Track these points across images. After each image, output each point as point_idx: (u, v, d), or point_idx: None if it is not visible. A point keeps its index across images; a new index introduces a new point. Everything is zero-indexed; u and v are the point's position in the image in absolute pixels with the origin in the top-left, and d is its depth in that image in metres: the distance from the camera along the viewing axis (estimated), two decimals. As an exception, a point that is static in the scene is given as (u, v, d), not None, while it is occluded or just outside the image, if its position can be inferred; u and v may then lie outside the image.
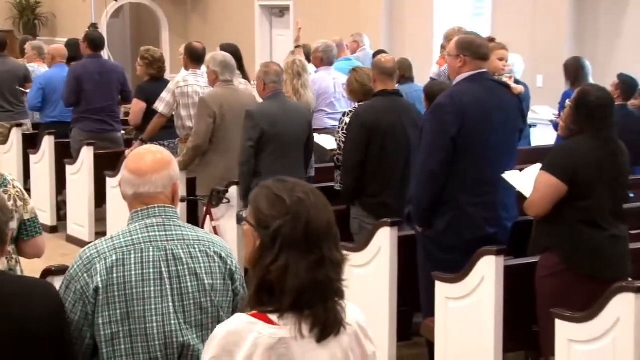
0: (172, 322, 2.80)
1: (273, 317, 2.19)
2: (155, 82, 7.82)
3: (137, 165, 2.90)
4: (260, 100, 6.57)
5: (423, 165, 4.99)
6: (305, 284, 2.18)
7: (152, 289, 2.79)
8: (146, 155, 2.95)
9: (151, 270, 2.80)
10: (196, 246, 2.87)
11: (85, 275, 2.78)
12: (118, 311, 2.77)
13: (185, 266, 2.83)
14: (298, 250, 2.20)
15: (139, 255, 2.80)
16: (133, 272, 2.78)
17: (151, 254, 2.81)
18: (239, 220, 2.22)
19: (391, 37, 11.98)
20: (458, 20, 10.30)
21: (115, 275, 2.77)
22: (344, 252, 2.33)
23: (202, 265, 2.85)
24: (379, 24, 12.06)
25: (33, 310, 2.65)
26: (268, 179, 2.36)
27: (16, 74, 9.26)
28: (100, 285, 2.75)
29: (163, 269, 2.81)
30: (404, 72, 7.33)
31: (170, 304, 2.81)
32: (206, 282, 2.84)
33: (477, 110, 4.93)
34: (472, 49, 5.00)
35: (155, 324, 2.79)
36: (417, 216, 5.07)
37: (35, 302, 2.68)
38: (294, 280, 2.18)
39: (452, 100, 4.99)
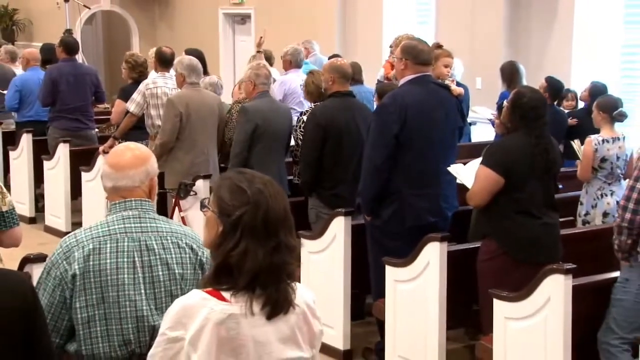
0: (144, 307, 2.81)
1: (226, 294, 2.20)
2: (137, 84, 7.77)
3: (116, 160, 2.91)
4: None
5: (368, 160, 5.02)
6: (262, 267, 2.20)
7: (125, 276, 2.80)
8: (125, 152, 2.96)
9: (125, 259, 2.81)
10: (169, 238, 2.88)
11: (64, 262, 2.78)
12: (94, 296, 2.77)
13: (157, 256, 2.84)
14: (257, 237, 2.21)
15: (114, 245, 2.81)
16: (108, 261, 2.79)
17: (126, 244, 2.81)
18: (202, 206, 2.21)
19: (343, 42, 11.99)
20: (405, 28, 10.34)
21: (91, 262, 2.77)
22: (301, 239, 2.35)
23: (173, 256, 2.86)
24: (332, 30, 12.06)
25: (3, 302, 2.59)
26: (258, 172, 2.37)
27: (6, 77, 9.17)
28: (78, 272, 2.76)
29: (136, 259, 2.81)
30: (355, 74, 7.34)
31: (142, 290, 2.81)
32: (177, 271, 2.85)
33: (418, 109, 4.95)
34: (413, 54, 5.03)
35: (128, 309, 2.80)
36: (365, 207, 5.11)
37: (2, 294, 2.61)
38: (252, 264, 2.19)
39: (394, 101, 5.02)
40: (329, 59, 7.27)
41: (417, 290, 4.83)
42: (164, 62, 7.60)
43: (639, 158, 4.27)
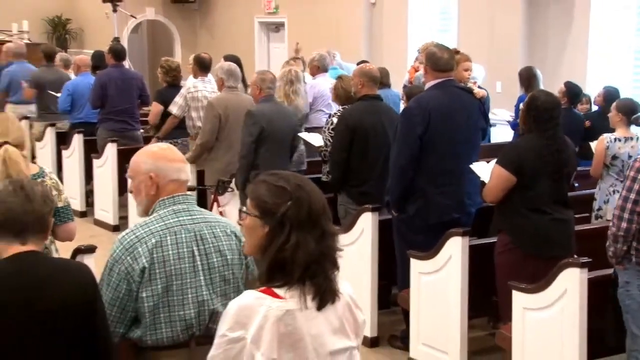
0: (204, 292, 2.83)
1: (279, 291, 2.17)
2: (172, 88, 7.84)
3: (176, 156, 2.92)
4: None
5: (395, 160, 5.02)
6: (313, 256, 2.17)
7: (186, 265, 2.81)
8: (175, 149, 2.99)
9: (185, 250, 2.82)
10: (217, 227, 2.90)
11: (128, 258, 2.77)
12: (159, 286, 2.78)
13: (211, 245, 2.86)
14: (305, 228, 2.18)
15: (174, 237, 2.82)
16: (170, 252, 2.80)
17: (183, 235, 2.83)
18: (241, 214, 2.18)
19: (370, 48, 11.97)
20: (428, 35, 10.29)
21: (155, 255, 2.78)
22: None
23: (223, 243, 2.88)
24: (359, 38, 12.04)
25: (63, 287, 2.62)
26: (263, 171, 2.35)
27: (62, 81, 9.21)
28: (146, 265, 2.76)
29: (194, 248, 2.83)
30: (383, 78, 7.33)
31: (202, 277, 2.83)
32: (228, 257, 2.87)
33: (441, 112, 4.93)
34: (432, 60, 5.04)
35: (190, 295, 2.82)
36: (392, 203, 5.11)
37: (65, 282, 2.65)
38: (305, 254, 2.16)
39: (419, 105, 5.02)
40: (357, 64, 7.26)
41: (440, 281, 4.81)
42: (203, 67, 7.69)
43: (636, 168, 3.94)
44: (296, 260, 2.16)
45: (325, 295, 2.20)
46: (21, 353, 2.51)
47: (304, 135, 6.67)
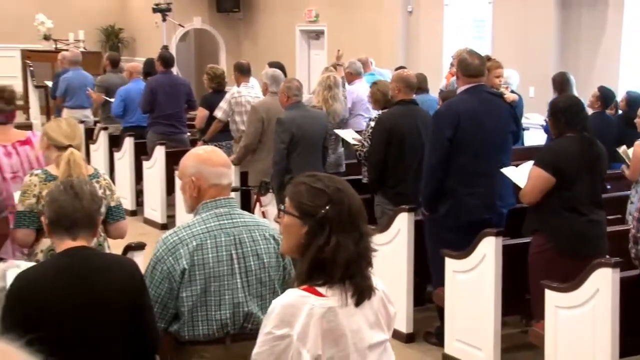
0: (240, 295, 2.83)
1: (321, 289, 2.15)
2: (217, 93, 7.88)
3: (220, 160, 2.91)
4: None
5: (426, 162, 5.02)
6: (352, 257, 2.15)
7: (224, 268, 2.81)
8: (221, 153, 2.99)
9: (224, 253, 2.82)
10: (256, 231, 2.88)
11: (170, 258, 2.78)
12: (198, 287, 2.79)
13: (249, 248, 2.85)
14: (345, 230, 2.16)
15: (214, 241, 2.81)
16: (210, 255, 2.80)
17: (223, 239, 2.82)
18: (279, 213, 2.16)
19: (407, 55, 11.91)
20: (462, 42, 10.20)
21: (196, 258, 2.78)
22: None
23: (261, 247, 2.86)
24: (397, 45, 12.00)
25: (113, 281, 2.65)
26: (297, 175, 2.33)
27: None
28: (186, 267, 2.77)
29: (232, 252, 2.82)
30: (421, 84, 7.30)
31: (239, 280, 2.83)
32: (265, 260, 2.86)
33: (471, 116, 4.91)
34: (462, 66, 5.03)
35: (227, 297, 2.81)
36: (424, 203, 5.10)
37: (115, 276, 2.68)
38: (345, 255, 2.13)
39: (449, 108, 5.03)
40: (395, 70, 7.23)
41: (474, 280, 4.75)
42: (243, 71, 7.73)
43: None
44: (337, 261, 2.14)
45: (363, 292, 2.18)
46: (74, 343, 2.54)
47: (338, 131, 6.69)
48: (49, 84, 11.21)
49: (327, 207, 2.17)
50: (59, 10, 15.29)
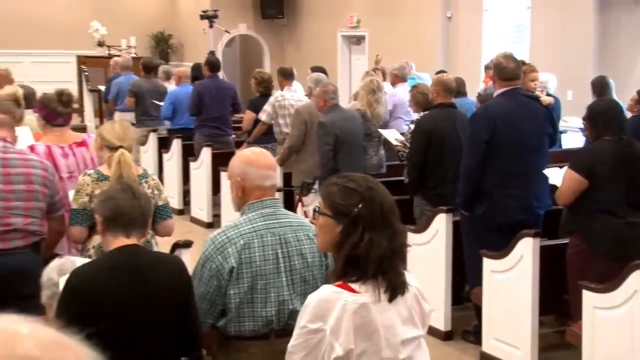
0: (285, 293, 2.83)
1: (354, 286, 2.15)
2: (264, 97, 7.93)
3: (266, 162, 2.91)
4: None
5: (463, 163, 4.99)
6: (386, 253, 2.15)
7: (270, 267, 2.82)
8: (268, 155, 3.00)
9: (270, 252, 2.82)
10: (300, 231, 2.88)
11: (219, 257, 2.80)
12: (245, 285, 2.80)
13: (294, 248, 2.85)
14: (378, 228, 2.16)
15: (260, 240, 2.82)
16: (257, 254, 2.81)
17: (269, 239, 2.83)
18: (314, 214, 2.18)
19: (446, 59, 11.83)
20: (502, 47, 10.10)
21: (243, 256, 2.80)
22: (407, 233, 2.30)
23: (305, 246, 2.86)
24: (436, 50, 11.92)
25: (162, 278, 2.68)
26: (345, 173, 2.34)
27: (159, 91, 9.46)
28: (234, 265, 2.78)
29: (278, 251, 2.83)
30: (459, 88, 7.25)
31: (284, 278, 2.84)
32: (309, 260, 2.86)
33: (506, 118, 4.87)
34: (498, 70, 4.99)
35: (272, 295, 2.82)
36: (461, 204, 5.06)
37: (163, 271, 2.71)
38: (378, 252, 2.14)
39: (485, 111, 5.02)
40: (435, 74, 7.20)
41: (511, 280, 4.70)
42: (287, 76, 7.76)
43: None
44: (370, 258, 2.14)
45: (396, 288, 2.18)
46: (125, 337, 2.57)
47: (383, 131, 6.70)
48: (102, 88, 11.40)
49: (360, 206, 2.17)
50: (113, 17, 15.53)
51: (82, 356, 0.87)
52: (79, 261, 2.86)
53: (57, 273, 2.74)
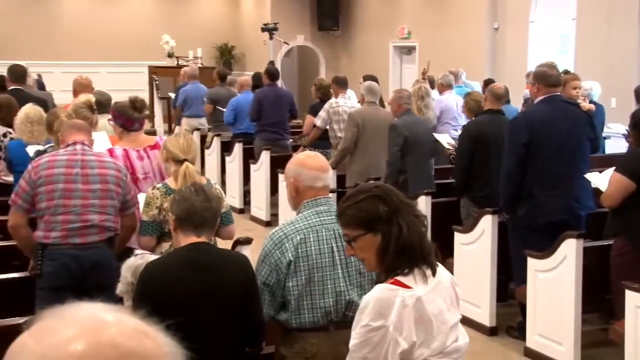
0: (341, 284, 2.83)
1: (406, 280, 2.14)
2: (322, 103, 7.94)
3: (318, 165, 2.92)
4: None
5: (504, 166, 4.92)
6: (421, 233, 2.19)
7: (326, 260, 2.82)
8: (321, 158, 3.00)
9: (325, 246, 2.83)
10: None
11: (277, 252, 2.81)
12: (303, 277, 2.81)
13: None
14: (404, 210, 2.19)
15: (316, 235, 2.83)
16: (313, 248, 2.82)
17: (324, 234, 2.83)
18: (350, 242, 2.20)
19: (492, 68, 11.66)
20: (547, 57, 9.90)
21: (300, 251, 2.81)
22: (454, 232, 2.31)
23: None
24: (483, 59, 11.76)
25: (228, 274, 2.70)
26: (410, 174, 2.37)
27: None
28: (292, 259, 2.79)
29: (333, 245, 2.83)
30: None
31: (340, 270, 2.83)
32: None
33: (546, 122, 4.79)
34: (543, 78, 4.91)
35: (329, 287, 2.82)
36: (503, 205, 5.00)
37: (232, 269, 2.73)
38: (417, 232, 2.17)
39: (525, 116, 5.01)
40: (485, 83, 7.14)
41: (555, 279, 4.59)
42: (341, 84, 7.77)
43: None
44: (414, 240, 2.16)
45: (434, 264, 2.21)
46: (194, 326, 2.60)
47: (436, 135, 6.69)
48: (172, 95, 11.58)
49: (381, 204, 2.18)
50: (181, 31, 15.80)
51: (163, 345, 0.87)
52: (153, 257, 2.90)
53: (131, 274, 2.78)
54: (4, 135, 5.75)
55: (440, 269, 2.24)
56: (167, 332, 0.91)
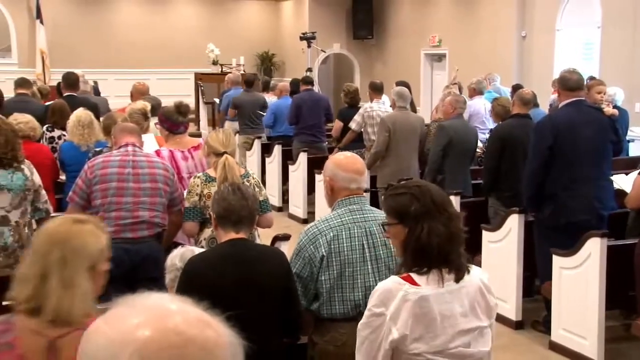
0: (371, 279, 2.82)
1: (418, 278, 2.14)
2: (350, 108, 7.93)
3: (354, 167, 2.92)
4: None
5: (528, 167, 4.86)
6: (444, 237, 2.13)
7: (357, 256, 2.82)
8: (358, 160, 2.99)
9: (356, 243, 2.83)
10: None
11: (311, 247, 2.83)
12: (334, 272, 2.82)
13: (379, 239, 2.84)
14: (433, 216, 2.14)
15: (348, 232, 2.83)
16: (344, 244, 2.82)
17: (355, 231, 2.83)
18: (384, 229, 2.26)
19: (520, 74, 11.50)
20: (572, 63, 9.73)
21: (332, 246, 2.81)
22: (483, 231, 2.27)
23: None
24: (511, 66, 11.60)
25: (265, 267, 2.71)
26: (448, 175, 2.35)
27: (258, 103, 9.61)
28: (324, 254, 2.80)
29: (364, 242, 2.83)
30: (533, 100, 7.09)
31: (369, 266, 2.83)
32: (393, 250, 2.82)
33: (569, 126, 4.72)
34: (562, 82, 4.85)
35: (359, 281, 2.82)
36: (527, 204, 4.94)
37: (269, 263, 2.74)
38: (437, 236, 2.12)
39: (549, 119, 4.94)
40: (512, 87, 7.05)
41: (580, 276, 4.51)
42: (376, 89, 7.75)
43: None
44: (432, 243, 2.12)
45: (461, 268, 2.15)
46: (237, 317, 2.61)
47: None
48: (216, 100, 11.67)
49: (414, 202, 2.16)
50: (225, 39, 15.93)
51: (223, 335, 0.89)
52: (197, 250, 2.93)
53: (179, 259, 2.82)
54: (59, 137, 5.89)
55: (472, 277, 2.19)
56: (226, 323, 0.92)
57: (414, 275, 2.14)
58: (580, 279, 4.50)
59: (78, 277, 1.86)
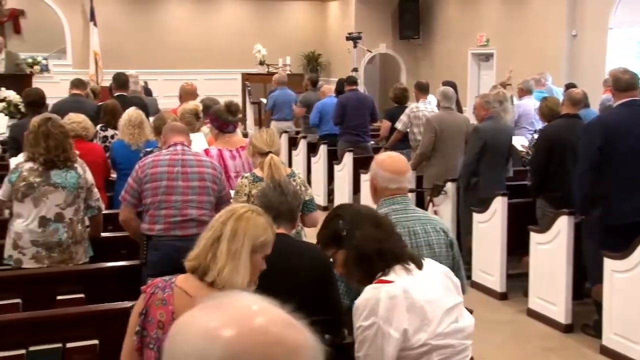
0: None
1: (387, 278, 2.20)
2: (397, 108, 7.90)
3: (397, 167, 2.91)
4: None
5: (578, 169, 4.78)
6: (379, 237, 2.26)
7: None
8: (401, 160, 2.98)
9: None
10: (428, 224, 2.84)
11: None
12: None
13: (422, 239, 2.81)
14: (360, 223, 2.30)
15: None
16: None
17: (399, 230, 2.79)
18: (334, 264, 2.49)
19: (570, 74, 11.25)
20: (625, 62, 9.47)
21: None
22: (530, 232, 2.32)
23: (432, 238, 2.82)
24: (561, 65, 11.37)
25: (305, 263, 2.73)
26: (483, 177, 2.38)
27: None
28: None
29: (407, 242, 2.79)
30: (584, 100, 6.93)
31: None
32: (436, 250, 2.82)
33: (620, 126, 4.63)
34: (614, 82, 4.78)
35: None
36: (577, 206, 4.85)
37: (306, 258, 2.76)
38: (373, 239, 2.26)
39: (599, 120, 4.88)
40: (565, 87, 6.92)
41: (632, 279, 4.39)
42: (422, 89, 7.70)
43: None
44: (370, 247, 2.22)
45: (415, 258, 2.27)
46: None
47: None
48: (263, 100, 11.77)
49: (341, 221, 2.31)
50: (272, 40, 16.04)
51: (305, 337, 0.89)
52: None
53: None
54: (112, 137, 6.00)
55: (431, 262, 2.32)
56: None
57: (383, 278, 2.20)
58: (632, 283, 4.39)
59: (243, 252, 2.09)
